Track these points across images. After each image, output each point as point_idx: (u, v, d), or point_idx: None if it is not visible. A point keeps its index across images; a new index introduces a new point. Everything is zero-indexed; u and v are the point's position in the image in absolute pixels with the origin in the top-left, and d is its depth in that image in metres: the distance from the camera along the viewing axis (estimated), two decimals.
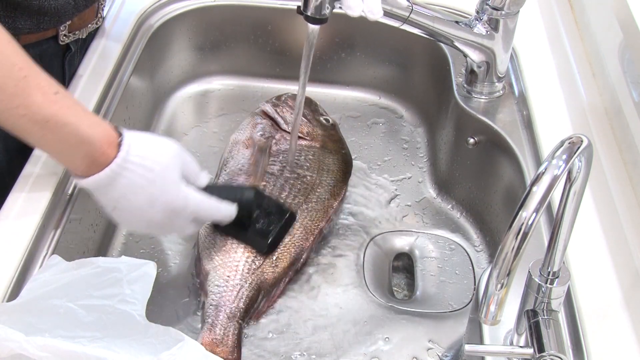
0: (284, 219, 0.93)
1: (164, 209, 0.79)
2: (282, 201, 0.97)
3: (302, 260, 0.96)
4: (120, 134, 0.78)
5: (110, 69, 1.03)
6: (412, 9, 0.92)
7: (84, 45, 1.05)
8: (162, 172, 0.78)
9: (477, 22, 0.97)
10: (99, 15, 1.03)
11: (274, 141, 1.05)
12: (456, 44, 0.99)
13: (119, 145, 0.77)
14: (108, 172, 0.76)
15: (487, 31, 0.97)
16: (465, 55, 1.01)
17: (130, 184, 0.77)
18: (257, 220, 0.92)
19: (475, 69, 1.02)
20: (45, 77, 0.74)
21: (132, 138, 0.78)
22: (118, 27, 1.10)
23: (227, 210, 0.86)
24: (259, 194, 0.93)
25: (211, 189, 0.86)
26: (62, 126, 0.73)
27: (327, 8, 0.88)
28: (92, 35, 1.06)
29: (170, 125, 1.21)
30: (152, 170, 0.78)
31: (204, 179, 0.87)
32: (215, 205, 0.85)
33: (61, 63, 1.00)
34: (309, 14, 0.88)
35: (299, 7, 0.89)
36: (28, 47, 0.91)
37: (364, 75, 1.26)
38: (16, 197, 0.84)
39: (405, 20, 0.92)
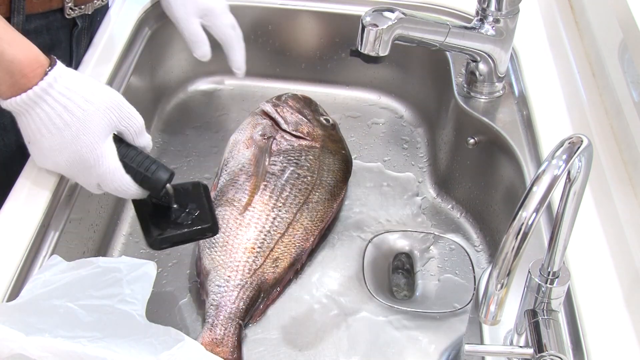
0: (201, 192, 0.83)
1: (71, 159, 0.75)
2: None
3: (302, 260, 0.96)
4: (52, 64, 0.73)
5: (110, 69, 1.03)
6: (450, 30, 0.93)
7: (91, 24, 1.05)
8: (84, 118, 0.73)
9: (482, 23, 0.97)
10: None
11: (274, 141, 1.05)
12: (466, 52, 0.99)
13: (46, 73, 0.72)
14: (25, 98, 0.72)
15: (495, 30, 0.97)
16: (475, 60, 1.01)
17: (46, 119, 0.73)
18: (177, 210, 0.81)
19: (478, 70, 1.02)
20: None
21: (64, 72, 0.74)
22: (118, 27, 1.10)
23: (133, 193, 0.79)
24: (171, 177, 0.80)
25: (136, 155, 0.79)
26: None
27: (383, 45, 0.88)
28: (98, 14, 1.07)
29: (170, 125, 1.21)
30: (73, 113, 0.73)
31: (143, 141, 0.81)
32: (125, 184, 0.77)
33: (69, 38, 1.00)
34: (366, 52, 0.88)
35: (352, 49, 0.89)
36: (35, 18, 0.92)
37: (364, 75, 1.26)
38: (16, 197, 0.84)
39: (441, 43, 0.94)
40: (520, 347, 0.71)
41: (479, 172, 1.04)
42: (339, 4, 1.20)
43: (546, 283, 0.67)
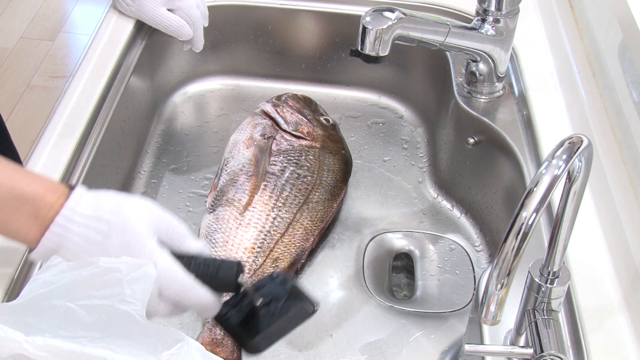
0: (295, 307, 0.68)
1: None
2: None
3: (302, 260, 0.96)
4: (70, 188, 0.66)
5: (110, 69, 1.03)
6: (450, 30, 0.93)
7: None
8: (122, 224, 0.64)
9: (482, 23, 0.97)
10: None
11: (274, 141, 1.05)
12: (466, 52, 1.00)
13: (68, 196, 0.65)
14: (55, 228, 0.63)
15: (495, 30, 0.97)
16: (475, 60, 1.01)
17: (83, 240, 0.64)
18: (249, 305, 0.68)
19: (478, 70, 1.02)
20: None
21: (86, 191, 0.66)
22: (118, 27, 1.10)
23: (204, 297, 0.66)
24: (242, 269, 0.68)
25: (190, 260, 0.67)
26: None
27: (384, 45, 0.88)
28: None
29: (170, 125, 1.21)
30: (108, 222, 0.64)
31: (194, 246, 0.68)
32: (189, 284, 0.65)
33: None
34: (366, 52, 0.88)
35: (352, 49, 0.89)
36: None
37: (364, 75, 1.26)
38: None
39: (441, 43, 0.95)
40: (520, 347, 0.71)
41: (479, 172, 1.04)
42: (339, 4, 1.20)
43: (546, 283, 0.67)
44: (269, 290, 0.69)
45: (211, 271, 0.66)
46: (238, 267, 0.67)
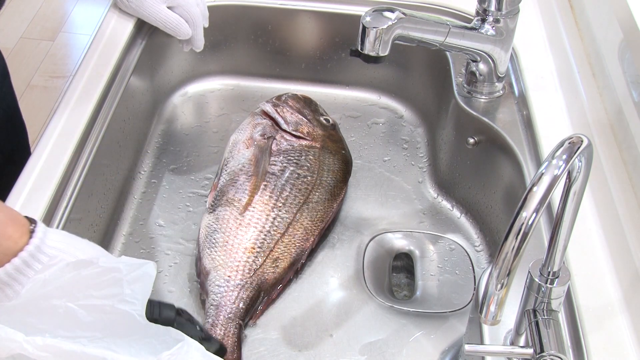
0: (213, 349, 0.75)
1: None
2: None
3: (302, 260, 0.96)
4: (31, 222, 0.67)
5: (110, 69, 1.03)
6: (450, 30, 0.93)
7: None
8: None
9: (482, 23, 0.97)
10: None
11: (274, 141, 1.05)
12: (466, 52, 1.00)
13: (32, 231, 0.65)
14: (18, 262, 0.63)
15: (495, 30, 0.97)
16: (475, 60, 1.01)
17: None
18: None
19: (478, 70, 1.02)
20: None
21: (47, 229, 0.68)
22: (118, 27, 1.10)
23: None
24: (181, 315, 0.76)
25: None
26: None
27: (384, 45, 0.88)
28: None
29: (170, 125, 1.21)
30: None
31: None
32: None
33: None
34: (366, 52, 0.88)
35: (352, 49, 0.89)
36: None
37: (364, 75, 1.26)
38: (16, 197, 0.84)
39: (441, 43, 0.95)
40: (520, 347, 0.71)
41: (479, 172, 1.04)
42: (339, 4, 1.20)
43: (546, 283, 0.67)
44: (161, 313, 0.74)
45: (154, 312, 0.71)
46: (176, 311, 0.72)
